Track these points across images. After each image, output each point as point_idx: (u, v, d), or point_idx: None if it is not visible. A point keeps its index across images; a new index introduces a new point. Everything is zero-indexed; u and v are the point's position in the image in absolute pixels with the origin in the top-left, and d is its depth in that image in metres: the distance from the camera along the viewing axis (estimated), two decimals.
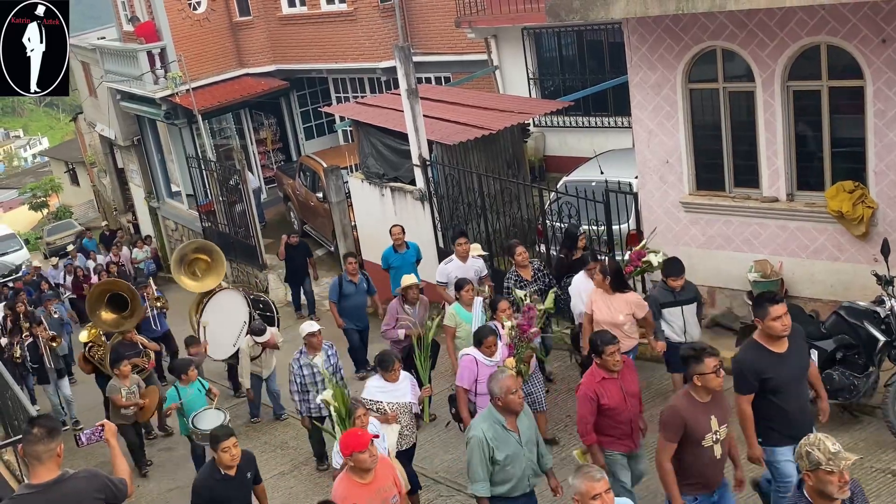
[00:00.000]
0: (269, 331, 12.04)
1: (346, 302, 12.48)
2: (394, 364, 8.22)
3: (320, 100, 23.82)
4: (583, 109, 17.01)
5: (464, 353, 8.49)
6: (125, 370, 11.29)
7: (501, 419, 6.43)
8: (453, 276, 10.98)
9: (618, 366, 6.99)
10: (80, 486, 5.12)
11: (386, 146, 14.90)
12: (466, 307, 9.77)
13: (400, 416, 8.20)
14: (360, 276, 12.61)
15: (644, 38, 10.39)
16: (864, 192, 9.34)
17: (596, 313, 8.97)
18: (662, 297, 9.01)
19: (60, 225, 38.21)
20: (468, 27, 18.06)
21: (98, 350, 13.03)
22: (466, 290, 9.78)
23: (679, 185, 10.70)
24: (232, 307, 13.28)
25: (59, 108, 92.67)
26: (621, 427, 7.09)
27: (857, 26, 8.90)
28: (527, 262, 10.44)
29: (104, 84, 25.10)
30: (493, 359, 8.27)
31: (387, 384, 8.22)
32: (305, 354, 9.83)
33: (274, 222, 22.02)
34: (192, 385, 10.58)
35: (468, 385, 8.29)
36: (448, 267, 11.33)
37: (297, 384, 9.81)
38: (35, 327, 13.94)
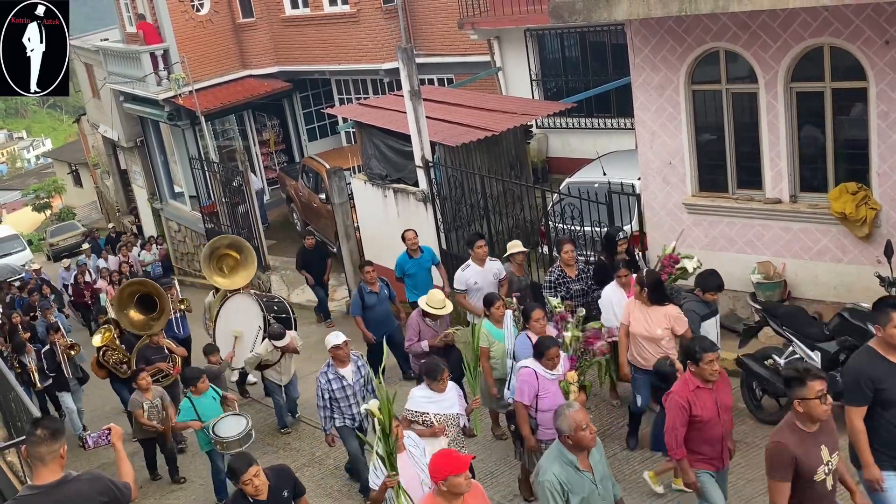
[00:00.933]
0: (287, 334, 11.38)
1: (371, 313, 11.93)
2: (442, 373, 7.69)
3: (323, 101, 23.84)
4: (585, 111, 17.01)
5: (523, 365, 7.84)
6: (144, 382, 10.68)
7: (573, 459, 5.80)
8: (472, 281, 10.68)
9: (715, 375, 6.50)
10: (84, 489, 5.10)
11: (389, 147, 14.90)
12: (497, 324, 9.12)
13: (447, 429, 7.72)
14: (379, 284, 12.10)
15: (647, 39, 10.38)
16: (868, 193, 9.33)
17: (633, 325, 8.50)
18: (700, 309, 8.55)
19: (63, 226, 38.22)
20: (471, 28, 18.06)
21: (113, 354, 12.60)
22: (497, 306, 9.07)
23: (682, 186, 10.70)
24: (245, 312, 12.68)
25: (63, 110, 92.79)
26: (712, 443, 6.58)
27: (860, 28, 8.89)
28: (573, 260, 10.02)
29: (107, 86, 25.14)
30: (555, 372, 7.69)
31: (433, 394, 7.72)
32: (333, 367, 9.14)
33: (277, 224, 22.04)
34: (205, 395, 10.06)
35: (528, 401, 7.68)
36: (466, 273, 10.86)
37: (326, 399, 9.12)
38: (52, 334, 13.51)
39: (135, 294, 12.67)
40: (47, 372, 13.33)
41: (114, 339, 12.60)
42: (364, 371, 9.20)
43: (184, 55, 21.68)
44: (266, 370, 11.55)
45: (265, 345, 11.42)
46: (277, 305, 13.26)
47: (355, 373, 9.15)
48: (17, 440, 8.40)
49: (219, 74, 22.80)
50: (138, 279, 15.08)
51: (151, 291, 12.75)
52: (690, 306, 8.62)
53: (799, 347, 8.49)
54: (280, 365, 11.45)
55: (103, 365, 12.60)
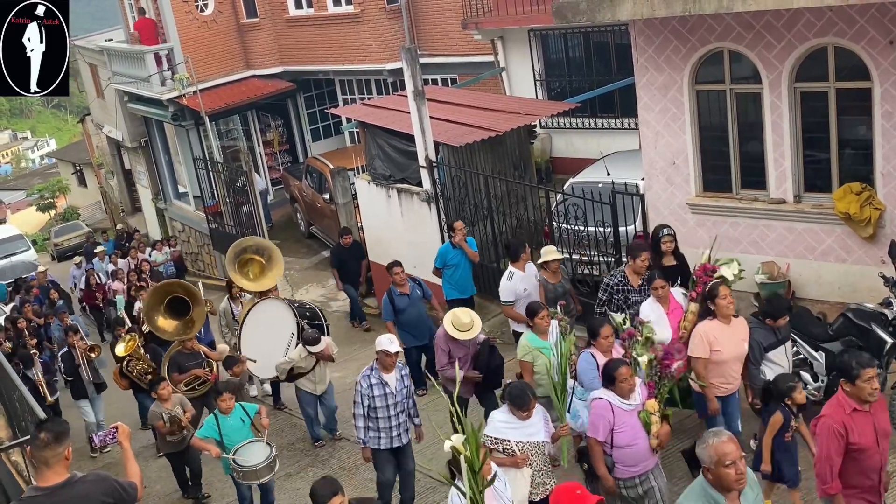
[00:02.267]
0: (322, 340, 10.57)
1: (403, 317, 11.24)
2: (530, 402, 6.83)
3: (327, 101, 23.86)
4: (589, 111, 17.01)
5: (596, 396, 6.92)
6: (165, 392, 9.97)
7: (718, 498, 4.83)
8: (522, 289, 9.97)
9: (874, 396, 5.64)
10: (89, 490, 5.10)
11: (392, 147, 14.90)
12: (542, 336, 8.30)
13: (532, 458, 6.89)
14: (409, 285, 11.34)
15: (651, 39, 10.38)
16: (872, 193, 9.32)
17: (723, 352, 7.50)
18: (765, 338, 7.70)
19: (68, 226, 38.27)
20: (475, 29, 18.06)
21: (137, 364, 11.90)
22: (542, 316, 8.29)
23: (686, 186, 10.69)
24: (276, 318, 11.74)
25: (67, 110, 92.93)
26: (869, 475, 5.74)
27: (864, 28, 8.88)
28: (644, 270, 8.90)
29: (111, 86, 25.18)
30: (631, 401, 6.80)
31: (516, 420, 6.89)
32: (377, 371, 8.31)
33: (280, 223, 22.05)
34: (233, 414, 9.12)
35: (603, 437, 6.75)
36: (515, 283, 10.11)
37: (364, 407, 8.27)
38: (71, 336, 12.81)
39: (164, 296, 11.66)
40: (65, 376, 12.78)
41: (138, 348, 11.95)
42: (407, 381, 8.51)
43: (188, 55, 21.70)
44: (299, 379, 10.78)
45: (298, 350, 10.68)
46: (309, 311, 12.40)
47: (399, 382, 8.38)
48: (21, 440, 8.42)
49: (223, 74, 22.82)
50: (168, 280, 14.05)
51: (183, 293, 11.77)
52: (755, 335, 7.73)
53: (803, 348, 8.48)
54: (314, 373, 10.70)
55: (126, 375, 11.97)
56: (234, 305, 12.79)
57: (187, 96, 21.51)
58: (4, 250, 30.78)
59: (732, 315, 7.58)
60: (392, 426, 8.34)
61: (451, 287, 11.97)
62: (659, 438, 6.81)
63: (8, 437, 10.03)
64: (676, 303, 8.33)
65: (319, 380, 10.76)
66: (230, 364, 10.78)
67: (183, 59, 21.79)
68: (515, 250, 10.32)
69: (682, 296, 8.40)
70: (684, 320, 8.16)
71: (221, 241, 20.98)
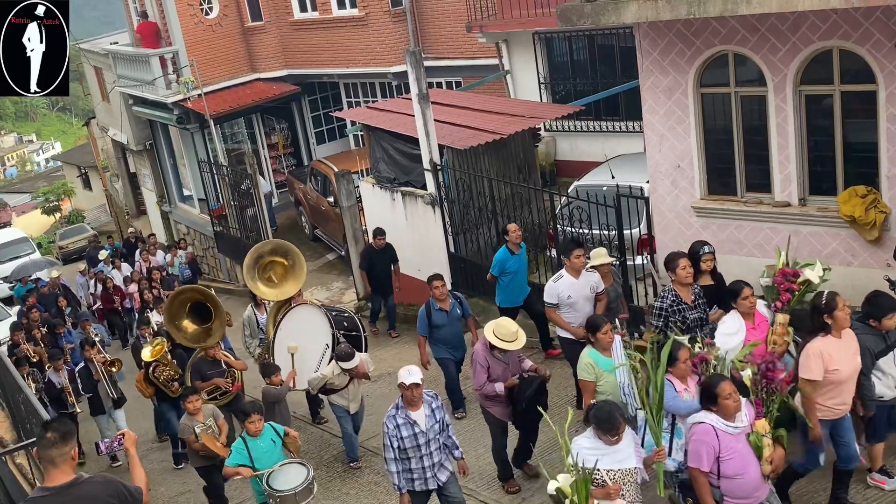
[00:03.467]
0: (357, 356, 9.88)
1: (439, 333, 10.67)
2: (619, 427, 6.19)
3: (331, 104, 23.90)
4: (594, 114, 17.01)
5: (696, 420, 6.29)
6: (192, 406, 9.42)
7: None
8: (565, 295, 9.35)
9: None
10: (95, 491, 5.12)
11: (397, 150, 14.92)
12: (605, 352, 7.65)
13: (624, 488, 6.21)
14: (450, 301, 10.71)
15: (655, 42, 10.38)
16: (877, 196, 9.30)
17: (841, 370, 6.72)
18: (875, 344, 6.92)
19: (73, 229, 38.37)
20: (479, 32, 18.08)
21: (164, 370, 11.38)
22: (604, 331, 7.63)
23: (690, 189, 10.68)
24: (311, 326, 11.06)
25: (72, 113, 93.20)
26: None
27: (869, 31, 8.87)
28: (691, 279, 8.28)
29: (117, 89, 25.24)
30: (738, 423, 6.16)
31: (603, 445, 6.23)
32: (403, 409, 7.55)
33: (285, 226, 22.08)
34: (262, 436, 8.51)
35: (708, 466, 6.10)
36: (559, 286, 9.43)
37: (395, 449, 7.52)
38: (88, 350, 12.27)
39: (187, 302, 11.29)
40: (83, 392, 12.16)
41: (165, 353, 11.41)
42: (440, 415, 7.67)
43: (193, 59, 21.75)
44: (331, 395, 10.13)
45: (331, 366, 10.00)
46: (347, 321, 11.53)
47: (429, 417, 7.59)
48: (26, 442, 8.43)
49: (228, 78, 22.87)
50: (193, 286, 13.50)
51: (205, 299, 11.38)
52: (863, 341, 6.92)
53: None
54: (347, 391, 10.01)
55: (152, 382, 11.41)
56: (258, 314, 12.30)
57: (192, 99, 21.56)
58: (9, 253, 30.84)
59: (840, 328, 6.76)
60: (426, 466, 7.58)
61: (504, 295, 11.46)
62: (773, 464, 6.25)
63: (13, 440, 10.05)
64: (762, 316, 7.75)
65: (353, 398, 10.10)
66: (269, 372, 10.16)
67: (188, 62, 21.84)
68: (565, 249, 9.65)
69: (766, 308, 7.82)
70: (773, 333, 7.51)
71: (226, 244, 21.03)
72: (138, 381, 11.61)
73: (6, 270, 29.54)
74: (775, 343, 7.45)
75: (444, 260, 14.02)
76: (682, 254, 8.43)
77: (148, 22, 22.86)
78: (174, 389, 11.29)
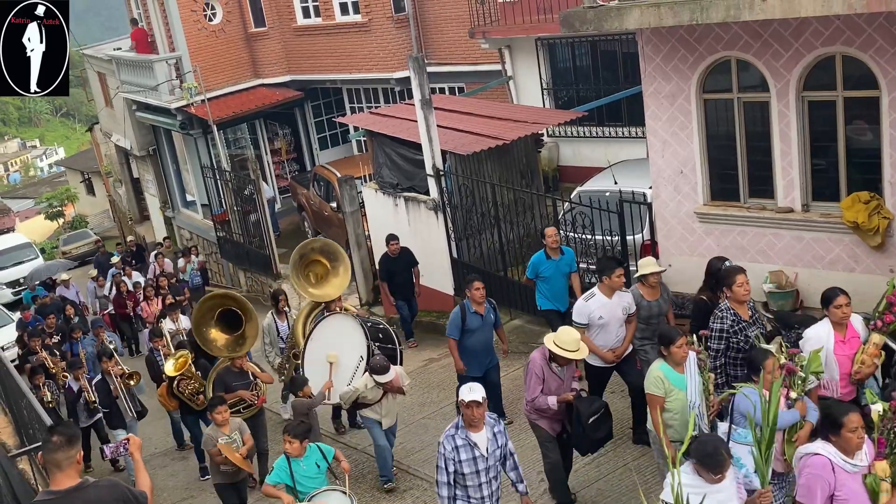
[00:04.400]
0: (392, 369, 9.39)
1: (470, 339, 10.02)
2: (724, 461, 5.59)
3: (334, 110, 23.93)
4: (597, 120, 17.01)
5: (808, 450, 5.71)
6: (221, 417, 8.98)
7: None
8: (597, 315, 8.80)
9: None
10: (102, 495, 5.13)
11: (400, 156, 14.93)
12: (677, 367, 7.12)
13: None
14: (486, 305, 10.18)
15: (658, 48, 10.38)
16: (880, 202, 9.29)
17: None
18: None
19: (76, 234, 38.44)
20: (482, 38, 18.09)
21: (189, 384, 10.88)
22: (679, 344, 7.07)
23: (693, 195, 10.68)
24: (345, 337, 10.48)
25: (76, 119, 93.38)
26: None
27: (872, 37, 8.87)
28: (748, 296, 7.84)
29: (120, 95, 25.29)
30: (858, 461, 5.57)
31: (703, 482, 5.62)
32: (463, 430, 6.94)
33: (288, 232, 22.09)
34: (307, 457, 7.92)
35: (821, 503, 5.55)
36: (591, 305, 8.85)
37: (449, 473, 6.89)
38: (105, 362, 11.61)
39: (216, 308, 10.70)
40: (100, 407, 11.57)
41: (189, 366, 10.95)
42: (503, 440, 7.05)
43: (196, 64, 21.79)
44: (364, 409, 9.67)
45: (365, 379, 9.50)
46: (382, 333, 10.93)
47: (491, 441, 6.97)
48: (29, 447, 8.43)
49: (231, 83, 22.91)
50: (221, 292, 12.79)
51: (236, 306, 10.76)
52: None
53: None
54: (381, 405, 9.52)
55: (176, 395, 11.00)
56: (279, 321, 11.92)
57: (195, 105, 21.60)
58: (13, 258, 30.86)
59: None
60: (484, 496, 6.99)
61: (544, 298, 11.07)
62: None
63: (15, 445, 10.04)
64: (855, 331, 7.32)
65: (387, 413, 9.59)
66: (299, 385, 9.71)
67: (191, 67, 21.88)
68: (604, 268, 8.93)
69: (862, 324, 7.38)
70: (862, 352, 7.09)
71: (229, 250, 21.05)
72: (161, 395, 11.22)
73: (10, 276, 29.59)
74: (863, 363, 7.04)
75: (447, 265, 14.01)
76: (738, 269, 8.02)
77: (140, 28, 22.97)
78: (199, 402, 10.89)
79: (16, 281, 29.30)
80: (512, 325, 12.81)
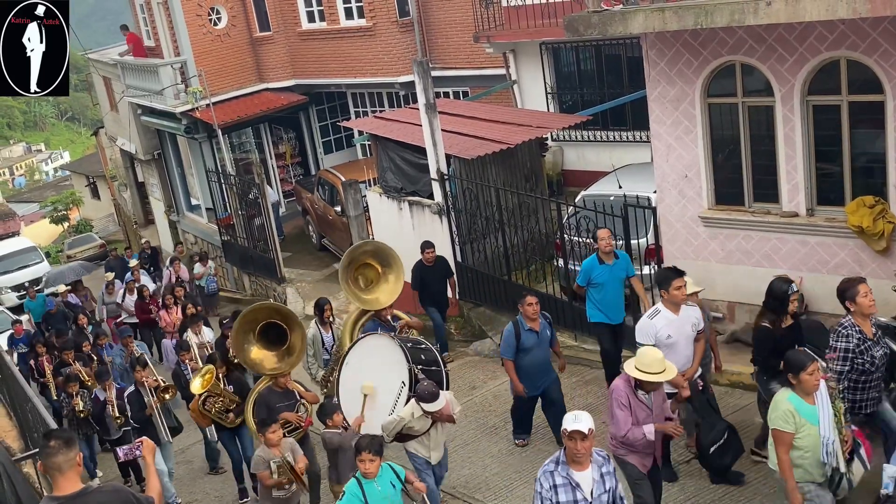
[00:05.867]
0: (442, 395, 8.27)
1: (526, 358, 9.37)
2: None
3: (339, 114, 23.94)
4: (601, 124, 17.00)
5: None
6: (275, 436, 8.22)
7: None
8: (664, 335, 7.89)
9: None
10: (105, 500, 5.09)
11: (404, 160, 14.94)
12: (807, 398, 6.26)
13: None
14: (541, 322, 9.48)
15: (663, 52, 10.38)
16: (885, 207, 9.28)
17: None
18: None
19: (81, 238, 38.52)
20: (486, 42, 18.10)
21: (217, 402, 10.15)
22: (810, 371, 6.20)
23: (698, 199, 10.67)
24: (383, 360, 9.24)
25: (81, 123, 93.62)
26: None
27: (876, 41, 8.86)
28: (874, 308, 7.00)
29: (125, 99, 25.33)
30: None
31: None
32: (565, 466, 6.04)
33: (292, 236, 22.10)
34: (381, 478, 7.05)
35: None
36: (656, 323, 7.96)
37: None
38: (139, 371, 10.77)
39: (257, 322, 9.62)
40: (132, 422, 10.61)
41: (216, 381, 10.14)
42: (611, 483, 6.09)
43: (201, 68, 21.82)
44: (408, 441, 8.50)
45: (411, 407, 8.33)
46: (425, 353, 9.47)
47: (598, 483, 6.04)
48: (32, 451, 8.43)
49: (236, 88, 22.94)
50: (263, 303, 11.58)
51: (282, 319, 9.70)
52: None
53: None
54: (428, 437, 8.47)
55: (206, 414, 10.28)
56: (323, 332, 11.11)
57: (200, 109, 21.62)
58: (18, 262, 30.91)
59: None
60: None
61: (595, 308, 10.17)
62: None
63: (20, 449, 10.05)
64: None
65: (435, 446, 8.54)
66: (328, 413, 8.63)
67: (196, 72, 21.91)
68: (664, 279, 8.12)
69: None
70: None
71: (233, 254, 21.06)
72: (193, 412, 10.42)
73: (15, 280, 29.64)
74: None
75: (452, 269, 14.00)
76: (859, 279, 7.14)
77: (132, 33, 23.13)
78: (230, 420, 10.17)
79: (21, 284, 29.35)
80: None
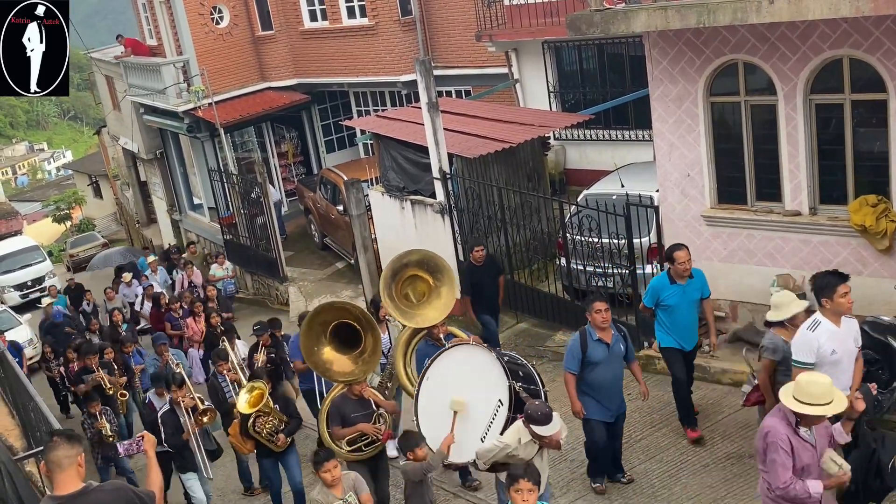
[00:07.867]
0: (555, 419, 6.88)
1: (592, 375, 8.12)
2: None
3: (341, 113, 23.95)
4: (603, 123, 17.00)
5: None
6: (332, 476, 7.00)
7: None
8: (828, 350, 6.69)
9: None
10: (106, 499, 5.09)
11: (406, 159, 14.93)
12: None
13: None
14: (613, 334, 8.21)
15: (665, 51, 10.37)
16: (888, 206, 9.26)
17: None
18: None
19: (83, 237, 38.53)
20: (489, 41, 18.10)
21: (267, 421, 9.04)
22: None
23: (700, 198, 10.66)
24: (478, 376, 7.57)
25: (83, 122, 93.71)
26: None
27: (879, 39, 8.85)
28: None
29: (127, 98, 25.35)
30: None
31: None
32: None
33: (295, 235, 22.11)
34: None
35: None
36: (818, 336, 6.72)
37: None
38: (175, 391, 9.61)
39: (329, 323, 8.60)
40: (167, 446, 9.37)
41: (268, 400, 9.03)
42: None
43: (203, 68, 21.83)
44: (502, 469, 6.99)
45: (516, 431, 6.97)
46: (522, 370, 7.83)
47: None
48: (35, 450, 8.43)
49: (238, 87, 22.95)
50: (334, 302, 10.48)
51: (356, 320, 8.61)
52: None
53: None
54: None
55: (253, 436, 9.13)
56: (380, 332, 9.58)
57: (203, 108, 21.63)
58: (20, 261, 30.94)
59: None
60: None
61: (664, 332, 9.10)
62: None
63: (23, 448, 10.06)
64: None
65: None
66: (411, 445, 7.52)
67: (199, 71, 21.92)
68: (823, 285, 6.82)
69: None
70: None
71: (236, 253, 21.07)
72: (233, 436, 9.40)
73: (17, 279, 29.67)
74: None
75: (454, 269, 13.99)
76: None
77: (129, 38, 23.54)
78: (280, 443, 9.10)
79: (24, 283, 29.39)
80: (518, 328, 12.77)
